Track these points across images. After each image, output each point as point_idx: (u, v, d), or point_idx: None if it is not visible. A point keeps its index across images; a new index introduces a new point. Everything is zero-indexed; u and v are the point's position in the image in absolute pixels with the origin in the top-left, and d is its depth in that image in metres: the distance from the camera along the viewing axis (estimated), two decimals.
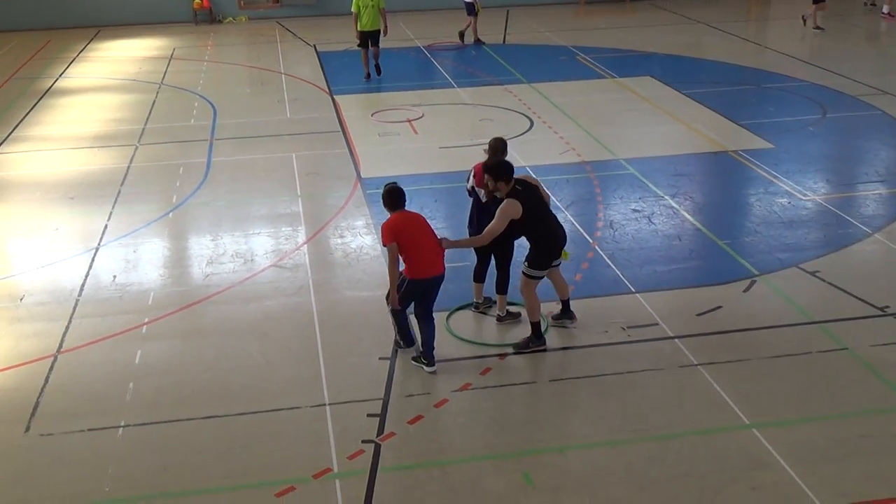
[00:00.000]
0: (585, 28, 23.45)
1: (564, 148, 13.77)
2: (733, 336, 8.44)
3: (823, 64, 18.65)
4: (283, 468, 6.71)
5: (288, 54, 21.16)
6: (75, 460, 6.90)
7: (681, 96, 16.52)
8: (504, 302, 8.76)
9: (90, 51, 22.16)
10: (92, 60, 21.15)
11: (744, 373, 7.81)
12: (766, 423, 7.10)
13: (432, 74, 19.12)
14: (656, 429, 7.07)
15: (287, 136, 14.85)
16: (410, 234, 7.66)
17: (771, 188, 12.07)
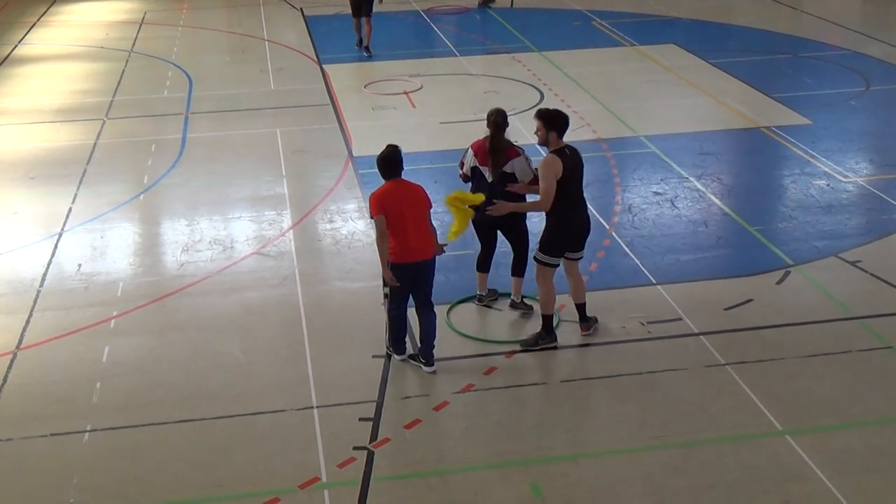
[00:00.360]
0: None
1: (578, 123, 13.74)
2: (765, 333, 8.44)
3: (867, 30, 18.60)
4: (266, 478, 6.72)
5: (272, 18, 21.12)
6: (37, 468, 6.91)
7: (708, 66, 16.48)
8: (520, 286, 8.76)
9: (52, 15, 22.11)
10: (54, 25, 21.11)
11: (776, 373, 7.81)
12: (801, 429, 7.11)
13: (432, 41, 19.07)
14: (679, 435, 7.08)
15: (270, 109, 14.84)
16: (399, 208, 7.58)
17: (808, 169, 12.05)
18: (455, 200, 8.15)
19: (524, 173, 8.33)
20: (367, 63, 17.09)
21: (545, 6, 21.57)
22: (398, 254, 7.67)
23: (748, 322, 8.60)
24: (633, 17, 20.19)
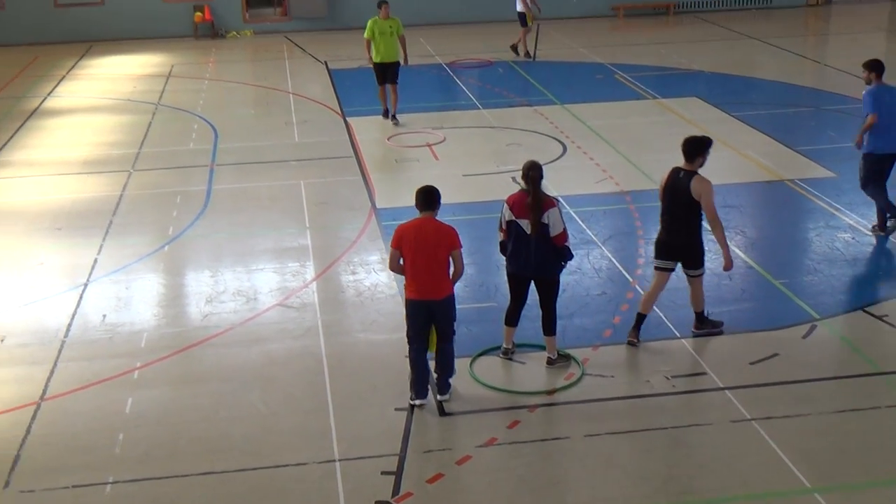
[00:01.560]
0: (624, 43, 23.56)
1: (601, 176, 13.78)
2: (792, 387, 8.36)
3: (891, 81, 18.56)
4: None
5: (297, 72, 21.39)
6: None
7: (730, 119, 16.52)
8: (554, 343, 8.75)
9: (81, 68, 22.49)
10: (83, 78, 21.46)
11: (804, 429, 7.72)
12: (830, 486, 7.00)
13: (455, 94, 19.24)
14: (705, 492, 6.99)
15: (295, 161, 14.97)
16: (414, 246, 7.82)
17: (832, 222, 12.00)
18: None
19: (557, 223, 8.35)
20: None
21: (567, 59, 21.75)
22: (409, 290, 7.96)
23: (774, 376, 8.52)
24: (655, 71, 20.31)
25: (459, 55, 21.83)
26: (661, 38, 24.08)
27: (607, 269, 10.80)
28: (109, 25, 25.32)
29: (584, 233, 11.64)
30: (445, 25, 25.85)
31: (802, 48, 22.86)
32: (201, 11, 25.45)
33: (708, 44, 23.24)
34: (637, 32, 24.88)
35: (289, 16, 26.14)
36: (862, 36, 23.96)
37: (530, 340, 9.02)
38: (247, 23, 26.12)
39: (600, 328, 9.43)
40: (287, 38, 25.29)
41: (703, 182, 8.86)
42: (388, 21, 16.18)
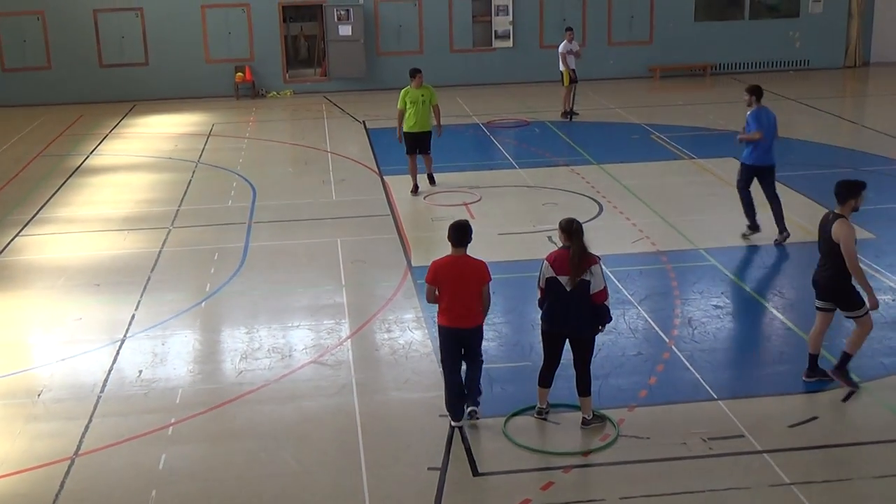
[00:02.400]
0: (660, 104, 23.65)
1: (637, 236, 13.76)
2: (831, 451, 8.22)
3: None
4: None
5: (335, 131, 21.66)
6: None
7: None
8: (589, 404, 8.67)
9: (124, 127, 22.94)
10: (125, 137, 21.88)
11: (844, 494, 7.57)
12: None
13: (492, 154, 19.37)
14: None
15: (331, 219, 15.09)
16: (450, 281, 8.43)
17: (872, 283, 11.83)
18: None
19: (599, 280, 8.31)
20: None
21: (604, 120, 21.86)
22: (443, 318, 8.53)
23: (813, 440, 8.38)
24: (691, 131, 20.34)
25: (496, 115, 22.01)
26: (697, 98, 24.15)
27: (643, 329, 10.73)
28: (153, 85, 25.85)
29: (621, 292, 11.59)
30: (482, 86, 26.09)
31: (840, 109, 22.81)
32: (242, 72, 25.93)
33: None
34: (674, 93, 24.97)
35: (328, 76, 26.55)
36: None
37: (565, 400, 8.95)
38: (287, 83, 26.55)
39: (636, 389, 9.35)
40: (326, 98, 25.66)
41: (843, 226, 9.05)
42: (421, 90, 15.85)
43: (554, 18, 26.39)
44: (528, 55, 25.77)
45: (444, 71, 25.94)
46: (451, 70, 26.16)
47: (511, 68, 26.52)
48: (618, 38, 26.90)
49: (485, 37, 26.39)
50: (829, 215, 9.33)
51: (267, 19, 25.91)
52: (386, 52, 26.28)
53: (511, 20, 26.40)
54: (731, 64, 27.38)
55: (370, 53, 26.17)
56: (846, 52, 27.60)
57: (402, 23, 26.18)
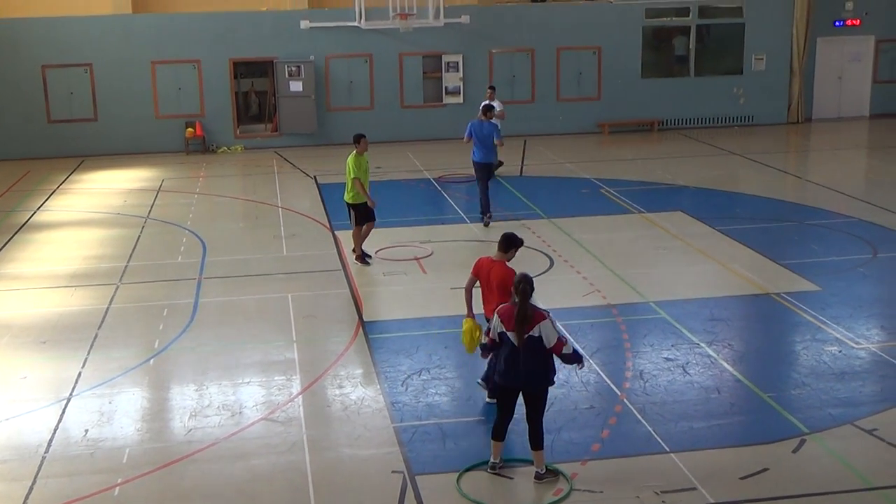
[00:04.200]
0: (609, 159, 23.98)
1: (588, 289, 13.86)
2: (782, 503, 8.26)
3: (872, 199, 18.93)
4: None
5: (286, 186, 21.64)
6: None
7: (715, 233, 16.72)
8: (542, 458, 8.66)
9: (72, 182, 22.72)
10: (74, 192, 21.66)
11: None
12: None
13: (443, 208, 19.46)
14: None
15: (282, 274, 15.02)
16: (484, 277, 9.99)
17: (819, 335, 12.05)
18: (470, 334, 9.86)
19: (550, 336, 8.37)
20: (379, 229, 17.32)
21: (554, 174, 22.09)
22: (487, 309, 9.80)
23: (765, 492, 8.43)
24: (640, 186, 20.63)
25: (447, 170, 22.14)
26: (646, 153, 24.52)
27: (595, 382, 10.77)
28: (102, 141, 25.68)
29: None
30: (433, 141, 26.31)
31: (784, 164, 23.29)
32: (192, 127, 25.88)
33: (692, 159, 23.67)
34: (622, 148, 25.34)
35: (279, 132, 26.58)
36: (842, 152, 24.49)
37: (518, 455, 8.93)
38: (237, 138, 26.53)
39: (589, 442, 9.36)
40: (277, 153, 25.67)
41: None
42: (366, 156, 15.23)
43: (503, 75, 26.74)
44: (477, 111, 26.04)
45: (395, 126, 26.14)
46: (401, 126, 26.36)
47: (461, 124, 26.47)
48: (566, 94, 27.30)
49: (435, 93, 26.65)
50: None
51: (217, 75, 25.95)
52: (337, 107, 26.42)
53: (461, 76, 26.72)
54: (677, 119, 27.89)
55: (321, 109, 26.29)
56: (789, 109, 28.26)
57: (353, 79, 26.37)
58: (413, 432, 9.64)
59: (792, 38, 27.72)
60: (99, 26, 25.34)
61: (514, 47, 26.83)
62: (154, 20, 25.65)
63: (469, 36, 26.45)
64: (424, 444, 9.41)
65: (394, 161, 23.49)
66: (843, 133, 26.95)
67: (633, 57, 27.40)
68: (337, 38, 26.05)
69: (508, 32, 26.70)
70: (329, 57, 26.17)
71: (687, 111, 27.90)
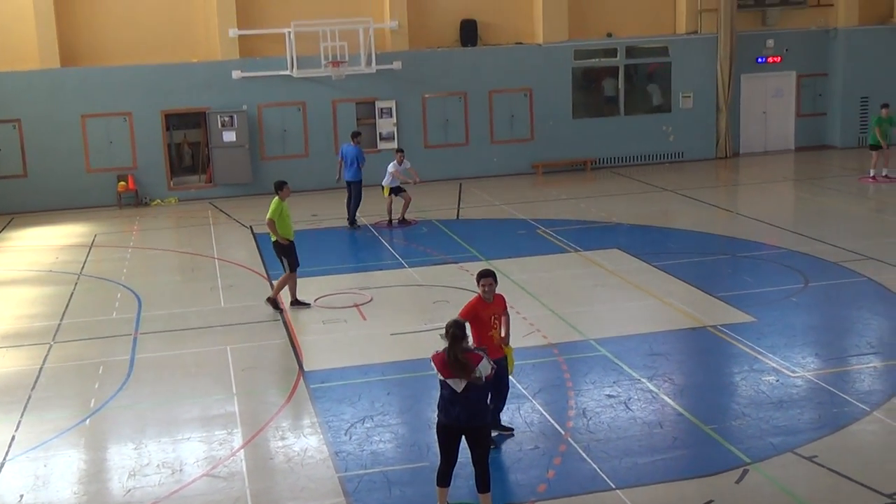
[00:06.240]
0: (545, 199, 24.20)
1: (528, 330, 13.91)
2: None
3: (801, 230, 19.35)
4: None
5: (222, 237, 21.46)
6: None
7: (651, 269, 16.93)
8: (489, 501, 8.61)
9: (1, 240, 22.26)
10: (3, 251, 21.22)
11: None
12: None
13: (380, 254, 19.45)
14: None
15: (221, 327, 14.85)
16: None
17: (756, 365, 12.22)
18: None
19: (485, 371, 8.41)
20: (317, 277, 17.26)
21: (490, 216, 22.22)
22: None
23: None
24: (576, 225, 20.84)
25: (383, 216, 22.13)
26: (581, 193, 24.79)
27: (539, 422, 10.78)
28: (32, 197, 25.24)
29: (515, 387, 11.64)
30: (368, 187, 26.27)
31: (715, 198, 23.70)
32: (125, 181, 25.58)
33: (626, 197, 23.99)
34: (557, 188, 25.59)
35: (213, 182, 26.39)
36: (770, 185, 25.03)
37: (465, 499, 8.88)
38: (171, 190, 26.27)
39: (535, 483, 9.35)
40: (212, 204, 25.46)
41: None
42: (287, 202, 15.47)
43: (437, 119, 26.94)
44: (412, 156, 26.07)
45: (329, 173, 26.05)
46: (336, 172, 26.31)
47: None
48: (500, 136, 27.55)
49: (369, 139, 26.72)
50: None
51: (149, 127, 25.73)
52: (271, 156, 26.33)
53: (395, 122, 26.84)
54: (610, 158, 28.28)
55: (255, 158, 26.18)
56: (717, 144, 28.83)
57: (286, 127, 26.34)
58: (358, 482, 9.55)
59: (717, 76, 28.37)
60: (26, 81, 25.01)
61: (447, 91, 27.05)
62: (83, 73, 25.39)
63: (402, 81, 26.63)
64: (370, 493, 9.32)
65: (330, 208, 23.46)
66: (770, 166, 27.57)
67: (564, 98, 27.79)
68: (269, 87, 26.05)
69: (441, 77, 26.94)
70: (262, 106, 26.13)
71: (619, 149, 28.33)
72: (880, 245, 17.75)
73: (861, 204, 22.43)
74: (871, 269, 16.22)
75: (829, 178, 25.38)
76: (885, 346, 12.96)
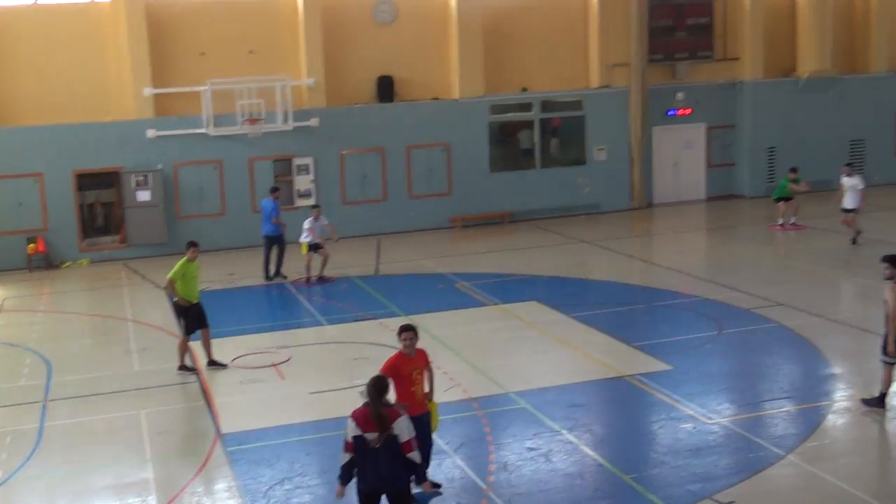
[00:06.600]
0: (463, 253, 24.33)
1: (448, 384, 13.87)
2: None
3: (714, 278, 19.75)
4: None
5: (136, 299, 21.06)
6: None
7: (570, 320, 17.08)
8: None
9: None
10: None
11: None
12: None
13: (298, 312, 19.29)
14: None
15: (135, 391, 14.51)
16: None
17: (673, 413, 12.37)
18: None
19: (404, 433, 8.36)
20: (234, 337, 17.01)
21: (409, 271, 22.24)
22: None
23: None
24: (494, 278, 20.95)
25: (300, 273, 21.97)
26: (499, 246, 24.96)
27: (460, 478, 10.73)
28: None
29: (436, 442, 11.56)
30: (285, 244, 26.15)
31: (630, 248, 24.10)
32: (35, 243, 24.99)
33: (543, 249, 24.24)
34: (475, 241, 25.75)
35: (127, 243, 25.92)
36: (683, 234, 25.57)
37: None
38: (83, 252, 25.72)
39: None
40: (126, 265, 24.99)
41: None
42: (196, 263, 15.42)
43: (355, 175, 26.97)
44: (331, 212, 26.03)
45: (247, 231, 25.85)
46: (254, 230, 26.05)
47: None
48: (418, 191, 27.68)
49: (287, 196, 26.59)
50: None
51: (61, 188, 25.22)
52: (187, 215, 26.00)
53: (312, 179, 26.80)
54: (527, 211, 28.57)
55: (170, 217, 25.83)
56: (631, 196, 29.39)
57: (202, 185, 26.08)
58: None
59: (629, 128, 29.00)
60: None
61: (365, 147, 27.13)
62: None
63: (319, 138, 26.64)
64: None
65: (247, 267, 23.23)
66: (683, 216, 28.17)
67: (482, 152, 28.08)
68: (185, 145, 25.80)
69: (358, 133, 27.02)
70: (178, 165, 25.87)
71: (536, 202, 28.67)
72: (789, 291, 18.22)
73: (770, 251, 23.02)
74: (782, 314, 16.62)
75: (740, 226, 26.04)
76: (796, 390, 13.25)
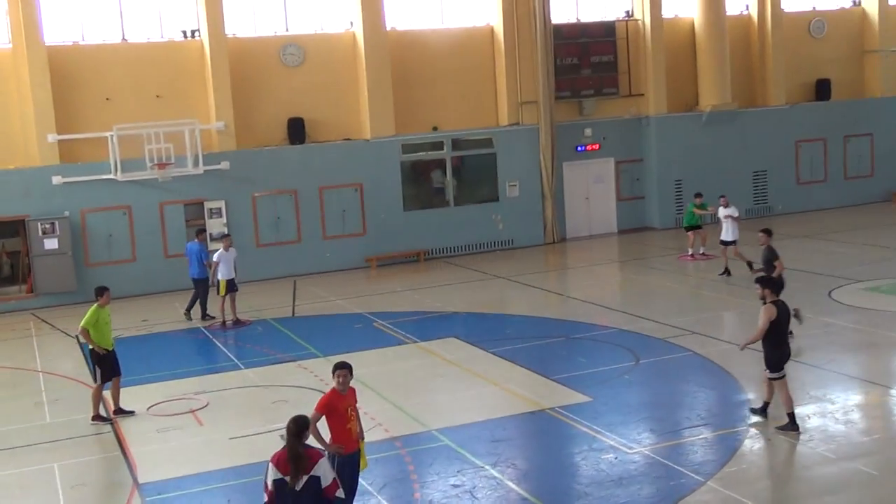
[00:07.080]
0: (380, 292, 24.29)
1: (370, 424, 13.78)
2: None
3: (628, 309, 20.09)
4: None
5: (46, 349, 20.51)
6: None
7: (489, 355, 17.16)
8: None
9: None
10: None
11: None
12: None
13: (215, 357, 19.01)
14: None
15: (47, 443, 14.10)
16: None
17: (595, 444, 12.50)
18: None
19: (327, 474, 8.29)
20: (149, 384, 16.67)
21: (326, 312, 22.12)
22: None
23: None
24: (412, 316, 20.96)
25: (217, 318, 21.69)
26: (415, 284, 25.01)
27: None
28: None
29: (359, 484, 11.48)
30: None
31: (546, 283, 24.37)
32: None
33: (460, 286, 24.36)
34: (391, 280, 25.75)
35: (35, 292, 25.27)
36: (597, 267, 26.00)
37: None
38: None
39: None
40: (34, 314, 24.33)
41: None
42: (107, 309, 15.09)
43: (268, 217, 26.79)
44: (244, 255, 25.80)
45: (159, 276, 25.46)
46: (166, 275, 25.68)
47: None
48: (332, 231, 27.61)
49: None
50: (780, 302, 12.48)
51: None
52: (96, 262, 25.46)
53: (225, 222, 26.52)
54: (442, 248, 28.72)
55: (79, 265, 25.26)
56: (545, 230, 29.77)
57: (112, 232, 25.61)
58: None
59: (540, 165, 29.42)
60: None
61: (277, 189, 27.00)
62: None
63: (230, 181, 26.42)
64: None
65: (160, 313, 22.84)
66: (596, 250, 28.63)
67: (395, 191, 28.17)
68: (92, 191, 25.32)
69: (270, 175, 26.89)
70: (85, 211, 25.37)
71: (450, 240, 28.83)
72: (701, 320, 18.64)
73: (682, 281, 23.51)
74: (695, 342, 16.97)
75: (651, 257, 26.56)
76: (713, 416, 13.51)
